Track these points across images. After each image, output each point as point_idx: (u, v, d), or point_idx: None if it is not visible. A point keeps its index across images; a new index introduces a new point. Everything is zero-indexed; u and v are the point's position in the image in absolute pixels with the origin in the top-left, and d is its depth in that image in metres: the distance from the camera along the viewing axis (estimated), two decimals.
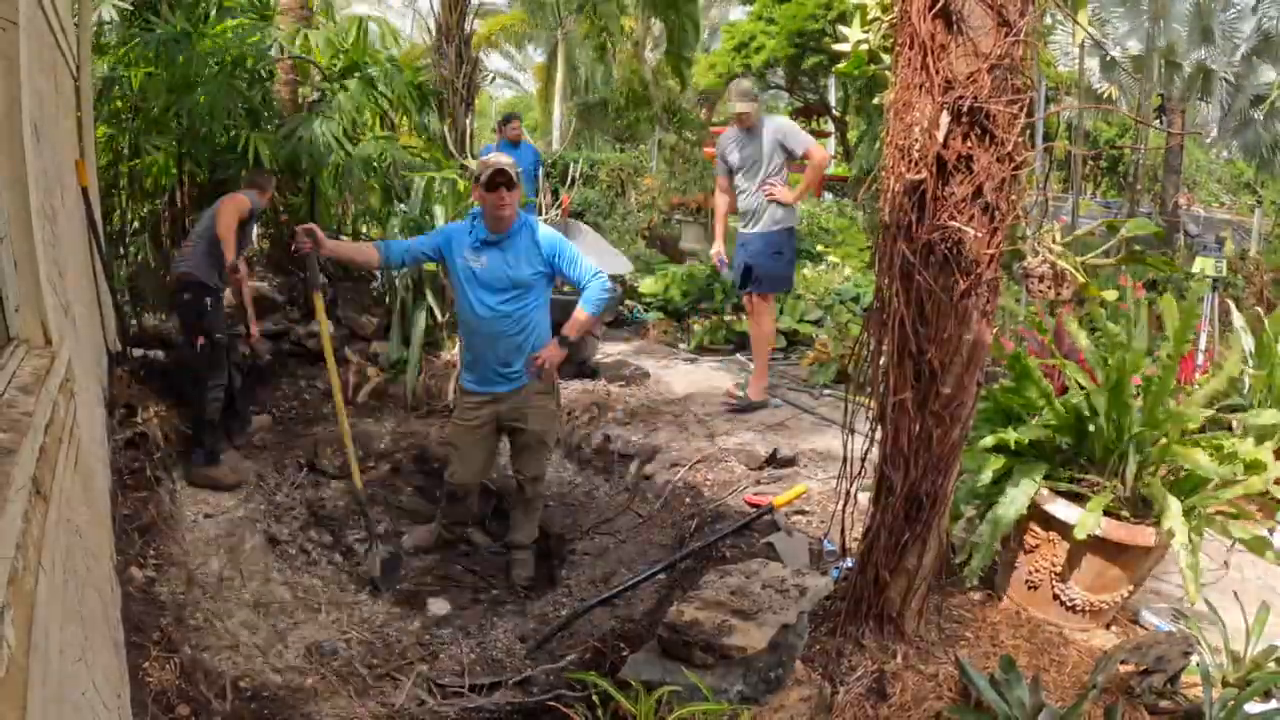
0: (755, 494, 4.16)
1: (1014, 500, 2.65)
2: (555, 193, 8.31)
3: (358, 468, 4.06)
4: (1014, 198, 2.29)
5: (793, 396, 5.56)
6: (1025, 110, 2.22)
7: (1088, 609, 2.72)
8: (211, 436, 4.41)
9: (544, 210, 8.14)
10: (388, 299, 6.07)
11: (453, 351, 6.04)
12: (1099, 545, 2.60)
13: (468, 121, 6.91)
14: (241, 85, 5.58)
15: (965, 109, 2.17)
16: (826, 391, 5.72)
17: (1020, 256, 2.67)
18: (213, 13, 5.81)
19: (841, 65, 2.98)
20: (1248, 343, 4.15)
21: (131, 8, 5.64)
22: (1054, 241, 2.66)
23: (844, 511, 3.01)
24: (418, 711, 2.87)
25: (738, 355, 6.83)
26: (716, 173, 5.29)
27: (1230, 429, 3.10)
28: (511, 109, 33.86)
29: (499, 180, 3.47)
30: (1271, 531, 3.45)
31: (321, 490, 4.77)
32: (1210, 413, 2.81)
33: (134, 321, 5.51)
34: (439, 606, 3.95)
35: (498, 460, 4.40)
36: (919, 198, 2.27)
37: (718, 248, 5.39)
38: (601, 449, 5.03)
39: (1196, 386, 2.92)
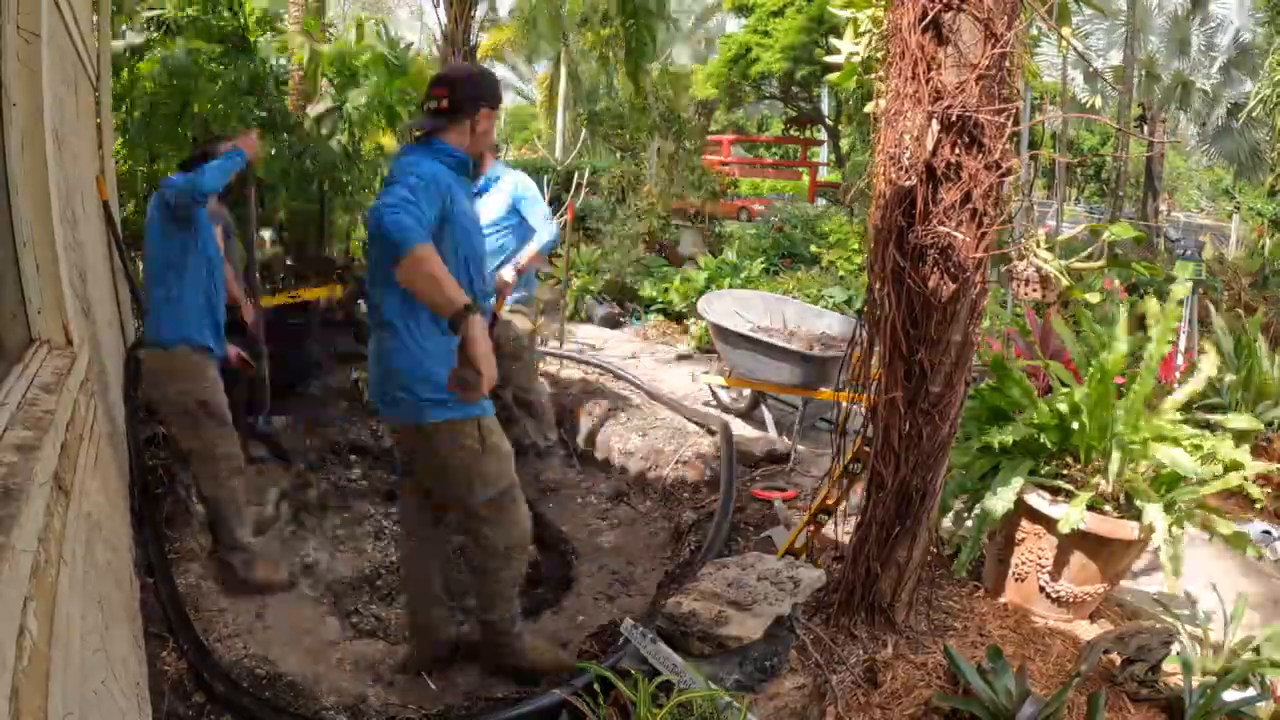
0: (761, 489, 4.16)
1: (1001, 496, 2.65)
2: (560, 199, 8.31)
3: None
4: (1001, 204, 2.29)
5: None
6: (1012, 119, 2.22)
7: (1072, 600, 2.72)
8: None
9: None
10: None
11: None
12: (1083, 539, 2.60)
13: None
14: (237, 101, 5.58)
15: (954, 118, 2.17)
16: None
17: (1007, 260, 2.67)
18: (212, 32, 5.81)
19: (834, 76, 2.98)
20: (1227, 344, 4.16)
21: (146, 28, 5.66)
22: (1039, 246, 2.65)
23: (837, 509, 3.01)
24: (423, 699, 2.87)
25: None
26: None
27: (1209, 427, 3.10)
28: (516, 119, 33.84)
29: None
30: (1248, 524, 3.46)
31: (336, 487, 4.77)
32: (1189, 415, 2.82)
33: None
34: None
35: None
36: (909, 204, 2.27)
37: None
38: (603, 447, 5.04)
39: (1177, 386, 2.92)
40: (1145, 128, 15.77)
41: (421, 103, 2.58)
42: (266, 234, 6.66)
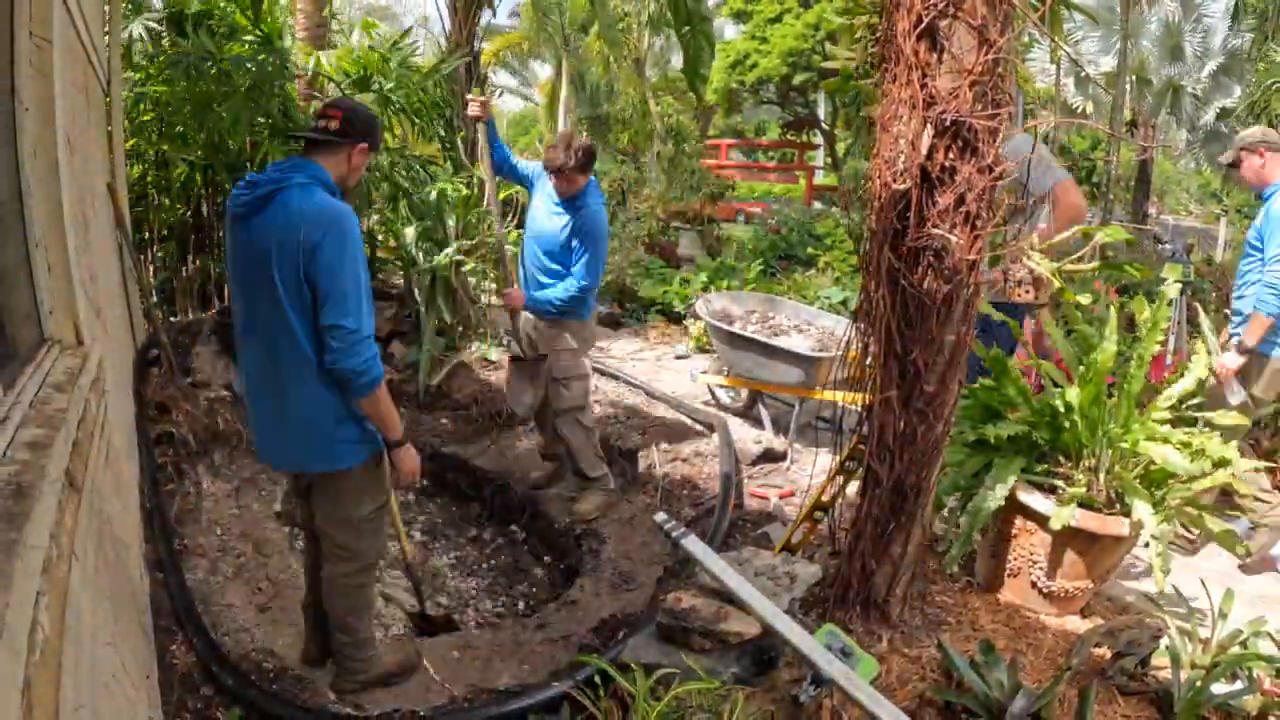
0: (756, 488, 4.17)
1: (993, 493, 2.65)
2: None
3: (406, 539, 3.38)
4: (994, 207, 2.29)
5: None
6: (1005, 124, 2.22)
7: (1063, 595, 2.72)
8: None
9: None
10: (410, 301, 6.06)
11: (470, 352, 6.05)
12: (1074, 535, 2.61)
13: (478, 134, 6.89)
14: (261, 101, 5.58)
15: (948, 123, 2.17)
16: None
17: (1000, 262, 2.67)
18: (228, 33, 5.81)
19: (830, 82, 2.98)
20: (1215, 344, 4.15)
21: (159, 26, 5.66)
22: (1032, 248, 2.65)
23: (833, 505, 3.01)
24: (427, 692, 2.87)
25: None
26: None
27: (1198, 425, 3.10)
28: (520, 123, 33.86)
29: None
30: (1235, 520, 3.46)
31: None
32: (1178, 414, 2.82)
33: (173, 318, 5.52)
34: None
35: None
36: (904, 207, 2.26)
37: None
38: (604, 444, 5.03)
39: (1167, 386, 2.92)
40: (1136, 132, 15.76)
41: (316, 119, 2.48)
42: None
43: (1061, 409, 2.72)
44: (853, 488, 2.83)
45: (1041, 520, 2.63)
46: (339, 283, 2.27)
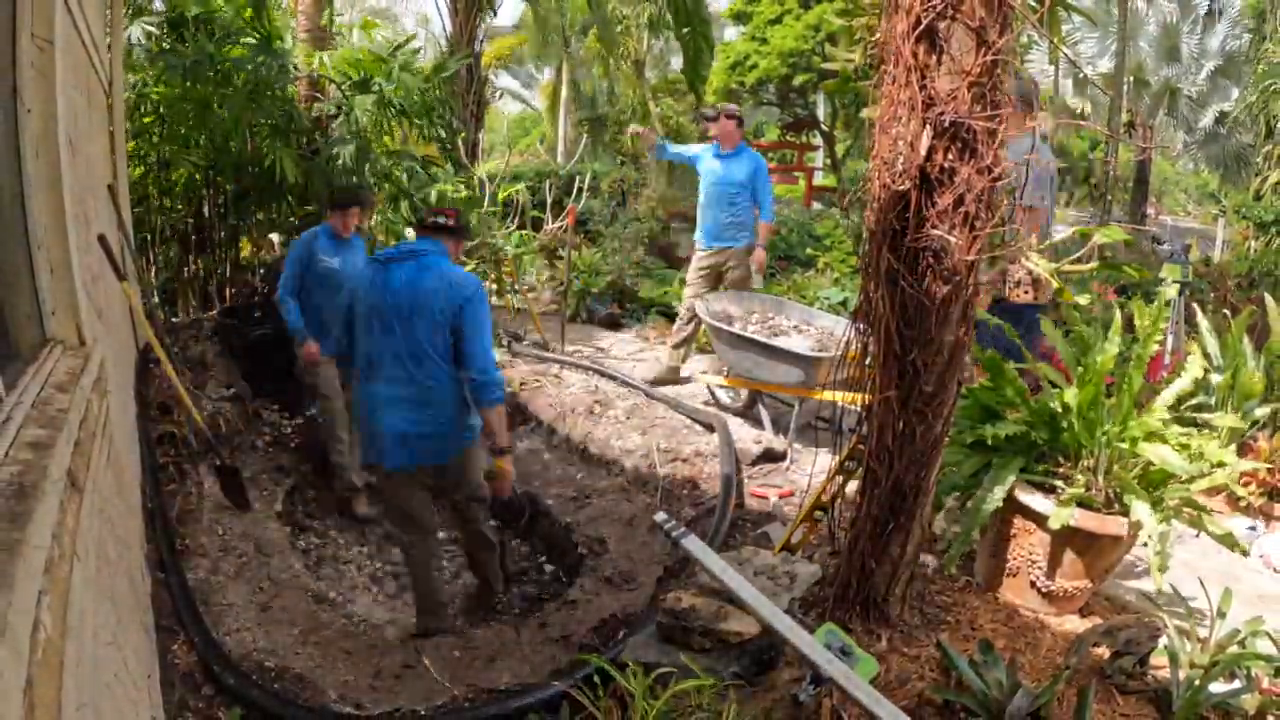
0: (756, 488, 4.16)
1: (992, 493, 2.65)
2: (561, 204, 8.29)
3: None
4: (993, 208, 2.29)
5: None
6: (1003, 125, 2.21)
7: (1062, 595, 2.72)
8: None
9: (550, 221, 8.10)
10: None
11: None
12: (1072, 535, 2.60)
13: (479, 135, 6.91)
14: (263, 103, 5.58)
15: (947, 124, 2.16)
16: None
17: (997, 262, 2.67)
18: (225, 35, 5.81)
19: (829, 84, 2.98)
20: (1213, 345, 4.15)
21: (158, 30, 5.66)
22: (1031, 249, 2.65)
23: (833, 505, 3.01)
24: (428, 690, 2.87)
25: None
26: None
27: (1196, 425, 3.10)
28: (520, 125, 33.87)
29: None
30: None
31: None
32: (1176, 414, 2.82)
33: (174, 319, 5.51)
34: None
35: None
36: (903, 208, 2.26)
37: None
38: (603, 445, 5.04)
39: (1164, 385, 2.92)
40: (1134, 133, 15.78)
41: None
42: (275, 238, 6.67)
43: (1060, 409, 2.72)
44: (852, 488, 2.83)
45: (1040, 520, 2.62)
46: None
